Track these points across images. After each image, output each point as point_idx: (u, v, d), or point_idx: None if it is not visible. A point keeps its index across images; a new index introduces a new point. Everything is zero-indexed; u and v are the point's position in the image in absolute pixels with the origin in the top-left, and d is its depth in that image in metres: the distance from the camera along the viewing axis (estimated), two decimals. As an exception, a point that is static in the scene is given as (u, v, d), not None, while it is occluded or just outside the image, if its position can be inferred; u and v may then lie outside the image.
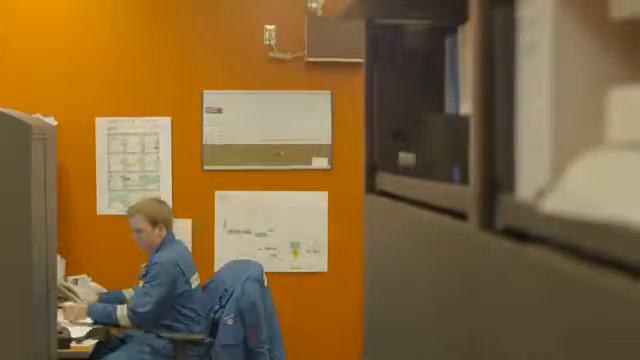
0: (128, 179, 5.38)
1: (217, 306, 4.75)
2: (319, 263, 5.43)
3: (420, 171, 1.62)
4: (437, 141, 1.47)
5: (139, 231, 4.66)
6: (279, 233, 5.39)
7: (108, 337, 4.56)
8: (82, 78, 5.31)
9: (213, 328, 4.75)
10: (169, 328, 4.56)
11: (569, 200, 0.78)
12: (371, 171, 1.79)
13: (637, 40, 0.85)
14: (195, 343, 4.60)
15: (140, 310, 4.47)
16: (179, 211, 5.31)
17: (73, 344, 4.17)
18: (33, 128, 3.35)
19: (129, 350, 4.53)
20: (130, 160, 5.38)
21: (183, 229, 5.33)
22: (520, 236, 0.94)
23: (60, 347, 3.88)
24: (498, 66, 1.03)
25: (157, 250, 4.64)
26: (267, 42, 5.33)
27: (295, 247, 5.42)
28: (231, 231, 5.39)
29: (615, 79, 0.86)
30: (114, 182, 5.37)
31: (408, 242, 1.44)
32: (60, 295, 5.04)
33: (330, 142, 5.38)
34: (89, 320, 4.54)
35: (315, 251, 5.43)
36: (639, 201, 0.62)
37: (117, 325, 4.53)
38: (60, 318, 4.38)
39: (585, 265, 0.75)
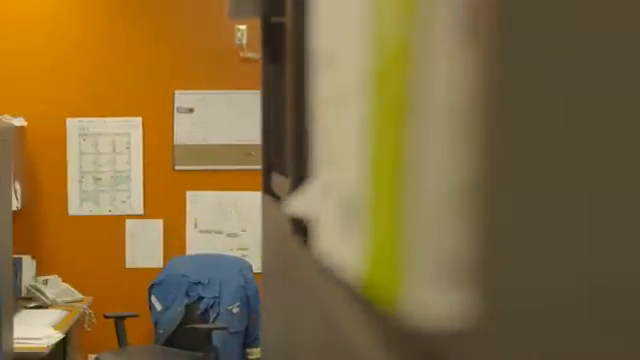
0: (99, 179, 5.37)
1: (184, 298, 4.86)
2: (291, 263, 5.41)
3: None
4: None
5: None
6: (251, 233, 5.36)
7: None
8: (52, 78, 5.31)
9: (188, 315, 4.89)
10: None
11: (301, 202, 0.77)
12: (267, 171, 1.77)
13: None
14: None
15: None
16: (150, 211, 5.32)
17: (33, 343, 4.15)
18: (-17, 129, 3.35)
19: None
20: (101, 160, 5.37)
21: (154, 229, 5.33)
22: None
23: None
24: (308, 64, 1.02)
25: None
26: (238, 42, 5.32)
27: (267, 247, 5.40)
28: (202, 231, 5.38)
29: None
30: (85, 182, 5.37)
31: (274, 242, 1.43)
32: (30, 296, 5.07)
33: (301, 142, 5.36)
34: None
35: (287, 251, 5.40)
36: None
37: None
38: None
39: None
